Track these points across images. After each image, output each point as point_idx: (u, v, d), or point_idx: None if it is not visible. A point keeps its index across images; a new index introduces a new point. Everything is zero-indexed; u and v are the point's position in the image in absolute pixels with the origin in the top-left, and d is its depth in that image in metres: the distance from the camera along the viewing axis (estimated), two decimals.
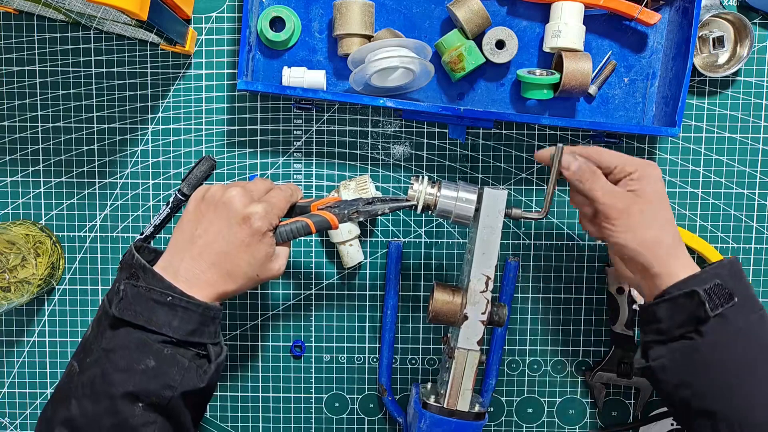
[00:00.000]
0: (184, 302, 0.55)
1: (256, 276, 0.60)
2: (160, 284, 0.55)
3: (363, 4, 0.71)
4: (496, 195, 0.66)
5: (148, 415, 0.53)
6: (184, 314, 0.55)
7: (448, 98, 0.77)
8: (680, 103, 0.70)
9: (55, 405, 0.55)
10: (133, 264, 0.57)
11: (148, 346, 0.54)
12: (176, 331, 0.55)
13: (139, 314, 0.54)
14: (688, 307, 0.56)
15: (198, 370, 0.55)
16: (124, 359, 0.53)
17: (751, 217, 0.78)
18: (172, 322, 0.55)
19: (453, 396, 0.66)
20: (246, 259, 0.58)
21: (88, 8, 0.67)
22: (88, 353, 0.55)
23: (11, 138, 0.78)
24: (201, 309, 0.56)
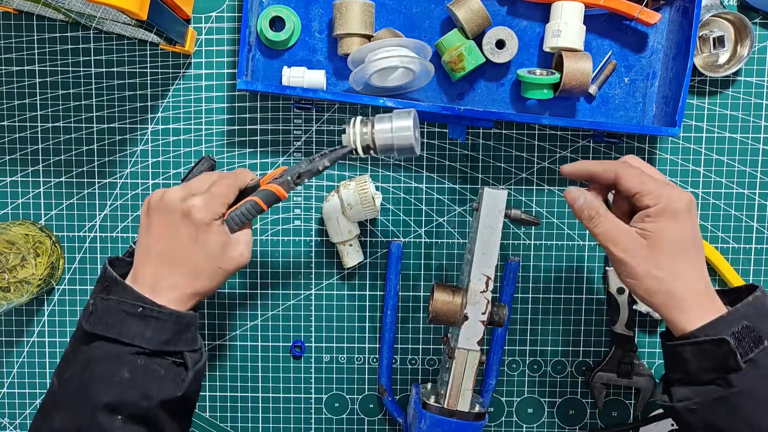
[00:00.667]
0: (156, 312, 0.55)
1: (218, 268, 0.58)
2: (130, 296, 0.55)
3: (363, 4, 0.71)
4: (496, 195, 0.66)
5: (129, 427, 0.53)
6: (157, 324, 0.55)
7: (448, 98, 0.77)
8: (680, 103, 0.70)
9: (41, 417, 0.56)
10: (105, 277, 0.57)
11: (121, 358, 0.54)
12: (149, 342, 0.54)
13: (110, 327, 0.54)
14: (717, 354, 0.53)
15: (176, 379, 0.55)
16: (99, 372, 0.54)
17: (751, 217, 0.78)
18: (144, 333, 0.54)
19: (453, 396, 0.66)
20: (201, 255, 0.57)
21: (88, 8, 0.67)
22: (67, 368, 0.56)
23: (11, 138, 0.78)
24: (173, 318, 0.56)
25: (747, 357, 0.53)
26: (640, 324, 0.79)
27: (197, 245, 0.57)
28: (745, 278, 0.78)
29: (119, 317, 0.54)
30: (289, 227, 0.79)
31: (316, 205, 0.78)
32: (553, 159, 0.78)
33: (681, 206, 0.56)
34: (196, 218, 0.57)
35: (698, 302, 0.56)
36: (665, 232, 0.56)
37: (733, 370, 0.53)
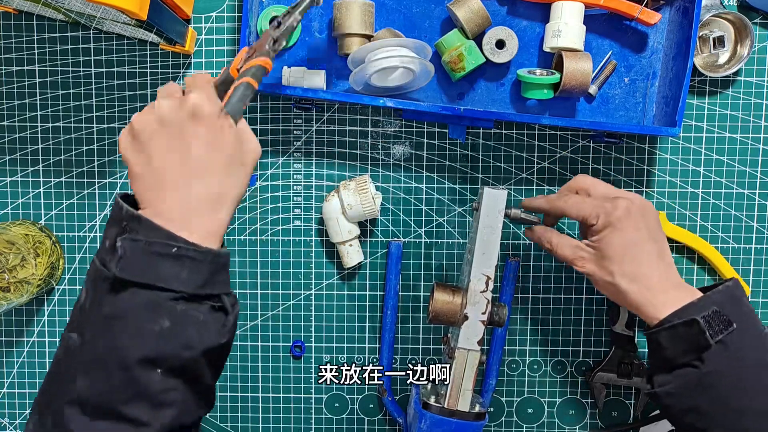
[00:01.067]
0: (191, 251, 0.49)
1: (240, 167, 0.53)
2: (160, 234, 0.48)
3: (363, 4, 0.71)
4: (496, 195, 0.66)
5: (168, 381, 0.48)
6: (193, 265, 0.49)
7: (448, 98, 0.77)
8: (680, 103, 0.70)
9: (54, 386, 0.49)
10: (123, 217, 0.50)
11: (158, 305, 0.48)
12: (187, 285, 0.48)
13: (144, 271, 0.48)
14: (689, 335, 0.57)
15: (216, 325, 0.50)
16: (134, 323, 0.47)
17: (751, 217, 0.78)
18: (180, 275, 0.48)
19: (453, 396, 0.66)
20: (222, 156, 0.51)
21: (88, 8, 0.67)
22: (88, 323, 0.49)
23: (11, 138, 0.78)
24: (210, 256, 0.50)
25: (717, 338, 0.56)
26: (640, 324, 0.79)
27: (215, 146, 0.51)
28: (744, 278, 0.78)
29: (151, 260, 0.48)
30: (289, 227, 0.79)
31: (316, 205, 0.78)
32: (553, 159, 0.78)
33: (618, 214, 0.61)
34: (205, 114, 0.51)
35: (666, 295, 0.60)
36: (609, 241, 0.61)
37: (704, 348, 0.56)
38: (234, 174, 0.52)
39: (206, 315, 0.50)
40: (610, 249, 0.61)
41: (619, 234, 0.61)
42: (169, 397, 0.48)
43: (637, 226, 0.61)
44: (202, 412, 0.52)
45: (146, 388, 0.47)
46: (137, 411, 0.47)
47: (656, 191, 0.78)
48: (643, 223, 0.61)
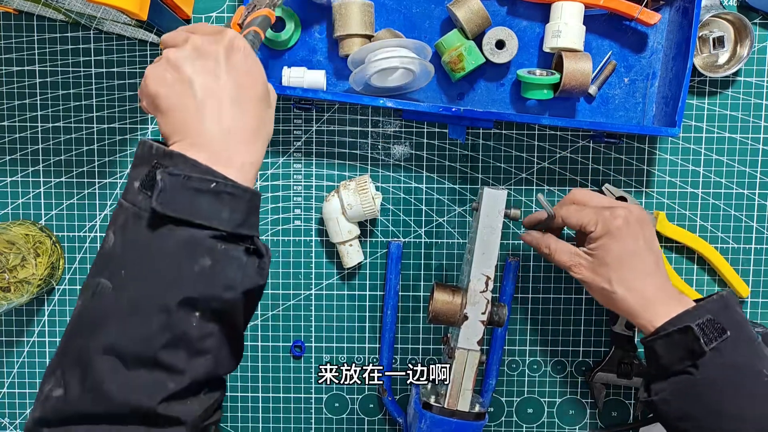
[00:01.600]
0: (230, 187, 0.47)
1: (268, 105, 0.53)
2: (198, 170, 0.46)
3: (362, 5, 0.71)
4: (496, 195, 0.66)
5: (206, 326, 0.46)
6: (232, 202, 0.47)
7: (448, 98, 0.77)
8: (680, 103, 0.70)
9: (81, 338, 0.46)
10: (153, 155, 0.47)
11: (199, 243, 0.45)
12: (226, 223, 0.46)
13: (184, 207, 0.45)
14: (684, 342, 0.58)
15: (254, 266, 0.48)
16: (173, 263, 0.45)
17: (751, 217, 0.78)
18: (220, 213, 0.46)
19: (453, 396, 0.66)
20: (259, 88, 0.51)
21: (88, 8, 0.67)
22: (120, 266, 0.46)
23: (11, 138, 0.78)
24: (248, 195, 0.48)
25: (711, 345, 0.57)
26: None
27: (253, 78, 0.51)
28: (744, 278, 0.78)
29: (190, 196, 0.45)
30: (289, 227, 0.79)
31: (316, 205, 0.78)
32: (553, 159, 0.78)
33: (617, 224, 0.62)
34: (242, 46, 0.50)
35: (661, 304, 0.60)
36: (606, 249, 0.62)
37: (699, 355, 0.57)
38: (267, 109, 0.52)
39: (245, 255, 0.48)
40: (608, 257, 0.62)
41: (617, 242, 0.62)
42: (206, 344, 0.46)
43: (635, 235, 0.62)
44: (233, 365, 0.50)
45: (185, 332, 0.45)
46: (174, 357, 0.45)
47: (656, 191, 0.78)
48: (641, 233, 0.62)
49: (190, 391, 0.46)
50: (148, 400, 0.44)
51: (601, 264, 0.62)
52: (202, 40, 0.50)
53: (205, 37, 0.50)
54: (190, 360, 0.46)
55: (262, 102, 0.51)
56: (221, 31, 0.51)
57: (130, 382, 0.44)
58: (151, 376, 0.45)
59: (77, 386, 0.44)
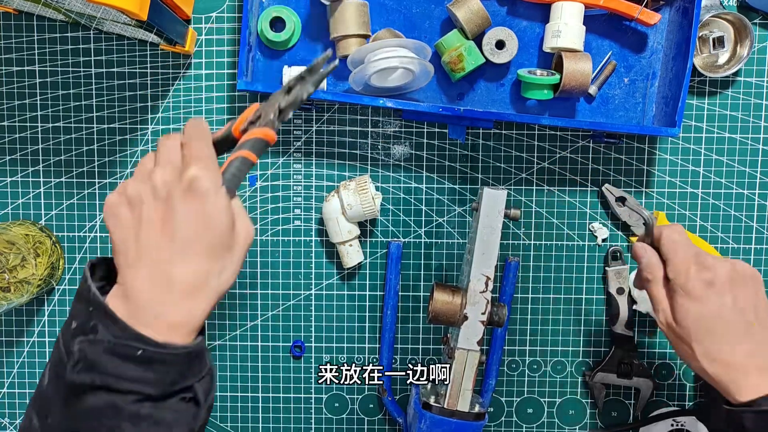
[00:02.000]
0: (159, 354, 0.43)
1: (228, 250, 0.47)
2: (125, 334, 0.43)
3: (357, 5, 0.71)
4: (496, 195, 0.66)
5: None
6: (161, 367, 0.44)
7: (448, 98, 0.77)
8: (680, 103, 0.70)
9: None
10: (90, 299, 0.45)
11: (120, 410, 0.43)
12: (153, 386, 0.44)
13: (103, 374, 0.43)
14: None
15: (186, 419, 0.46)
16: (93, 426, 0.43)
17: (751, 217, 0.78)
18: (146, 377, 0.43)
19: (453, 396, 0.66)
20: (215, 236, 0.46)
21: (88, 8, 0.67)
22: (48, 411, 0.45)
23: (11, 138, 0.78)
24: (182, 356, 0.44)
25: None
26: (640, 324, 0.79)
27: (205, 226, 0.45)
28: None
29: (113, 361, 0.43)
30: (289, 227, 0.79)
31: (316, 205, 0.78)
32: (553, 159, 0.78)
33: (696, 285, 0.56)
34: (201, 191, 0.45)
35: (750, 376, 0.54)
36: (688, 313, 0.56)
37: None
38: (219, 260, 0.46)
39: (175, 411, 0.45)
40: (688, 319, 0.56)
41: (695, 305, 0.56)
42: None
43: (721, 297, 0.56)
44: None
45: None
46: None
47: (656, 191, 0.78)
48: (729, 294, 0.56)
49: None
50: None
51: (681, 325, 0.57)
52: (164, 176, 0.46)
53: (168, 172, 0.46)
54: None
55: (215, 254, 0.46)
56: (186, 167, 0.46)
57: None
58: None
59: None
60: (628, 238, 0.78)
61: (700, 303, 0.56)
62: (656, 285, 0.59)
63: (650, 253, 0.60)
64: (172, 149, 0.48)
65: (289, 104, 0.51)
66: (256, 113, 0.51)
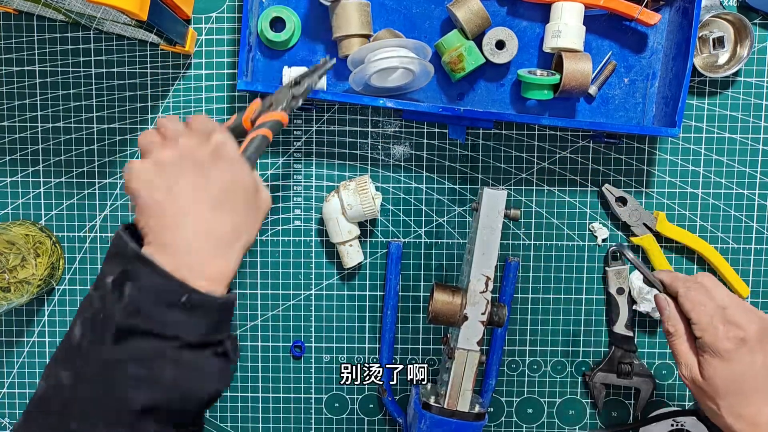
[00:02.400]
0: (200, 300, 0.47)
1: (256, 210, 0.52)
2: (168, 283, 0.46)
3: (359, 5, 0.71)
4: (496, 195, 0.66)
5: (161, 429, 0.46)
6: (201, 313, 0.47)
7: (448, 98, 0.77)
8: (680, 103, 0.70)
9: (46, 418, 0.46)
10: (127, 254, 0.47)
11: (163, 353, 0.46)
12: (193, 334, 0.46)
13: (149, 319, 0.45)
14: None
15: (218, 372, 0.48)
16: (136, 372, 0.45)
17: (751, 217, 0.78)
18: (187, 324, 0.46)
19: (453, 396, 0.66)
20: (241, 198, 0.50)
21: (88, 8, 0.67)
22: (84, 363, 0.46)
23: (11, 138, 0.78)
24: (218, 304, 0.48)
25: None
26: (640, 324, 0.79)
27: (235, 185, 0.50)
28: (744, 278, 0.78)
29: (159, 308, 0.45)
30: (289, 227, 0.79)
31: (316, 205, 0.78)
32: (553, 159, 0.78)
33: (726, 345, 0.56)
34: (228, 155, 0.50)
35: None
36: (716, 372, 0.56)
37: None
38: (250, 216, 0.51)
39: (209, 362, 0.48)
40: (716, 378, 0.56)
41: (725, 365, 0.56)
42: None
43: (751, 356, 0.56)
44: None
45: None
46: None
47: (656, 191, 0.78)
48: (760, 353, 0.56)
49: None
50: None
51: (709, 383, 0.56)
52: (191, 143, 0.50)
53: (194, 140, 0.50)
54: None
55: (245, 210, 0.51)
56: (211, 134, 0.50)
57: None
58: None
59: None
60: (628, 238, 0.78)
61: (730, 362, 0.56)
62: (678, 339, 0.59)
63: (672, 305, 0.60)
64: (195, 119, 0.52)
65: (301, 93, 0.60)
66: (266, 102, 0.58)
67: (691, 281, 0.60)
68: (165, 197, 0.48)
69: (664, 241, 0.78)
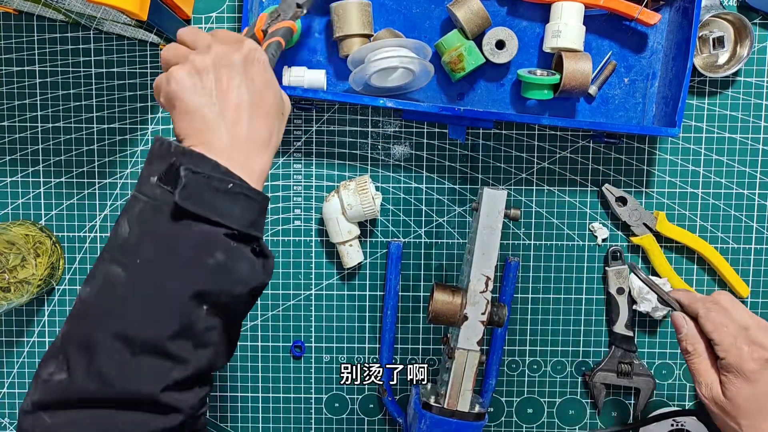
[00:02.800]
0: (245, 189, 0.49)
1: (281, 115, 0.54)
2: (217, 170, 0.48)
3: (360, 4, 0.71)
4: (496, 195, 0.66)
5: (211, 320, 0.47)
6: (245, 203, 0.49)
7: (448, 98, 0.77)
8: (680, 103, 0.70)
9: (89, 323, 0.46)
10: (172, 152, 0.48)
11: (214, 239, 0.47)
12: (239, 223, 0.48)
13: (203, 203, 0.47)
14: None
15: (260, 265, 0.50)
16: (189, 256, 0.46)
17: (751, 217, 0.78)
18: (234, 212, 0.48)
19: (453, 396, 0.66)
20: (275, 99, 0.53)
21: (88, 8, 0.67)
22: (136, 255, 0.47)
23: (11, 138, 0.78)
24: (260, 198, 0.50)
25: None
26: (640, 324, 0.79)
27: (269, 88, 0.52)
28: (744, 278, 0.78)
29: (209, 194, 0.47)
30: (289, 227, 0.79)
31: (316, 205, 0.78)
32: (553, 159, 0.78)
33: (751, 366, 0.56)
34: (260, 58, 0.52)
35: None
36: (738, 390, 0.56)
37: None
38: (278, 119, 0.54)
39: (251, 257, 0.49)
40: (739, 398, 0.57)
41: (750, 386, 0.56)
42: (210, 337, 0.48)
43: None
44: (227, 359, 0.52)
45: (194, 324, 0.46)
46: (181, 348, 0.46)
47: (656, 191, 0.78)
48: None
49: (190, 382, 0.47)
50: (151, 387, 0.45)
51: (732, 403, 0.57)
52: (224, 49, 0.51)
53: (226, 46, 0.52)
54: (195, 351, 0.47)
55: (275, 113, 0.53)
56: (241, 41, 0.52)
57: (135, 370, 0.45)
58: (156, 364, 0.46)
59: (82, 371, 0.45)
60: (628, 238, 0.78)
61: (755, 383, 0.56)
62: (698, 358, 0.59)
63: (690, 324, 0.60)
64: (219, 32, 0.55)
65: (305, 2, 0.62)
66: (273, 14, 0.61)
67: (710, 302, 0.60)
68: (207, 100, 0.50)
69: (664, 241, 0.78)
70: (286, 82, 0.74)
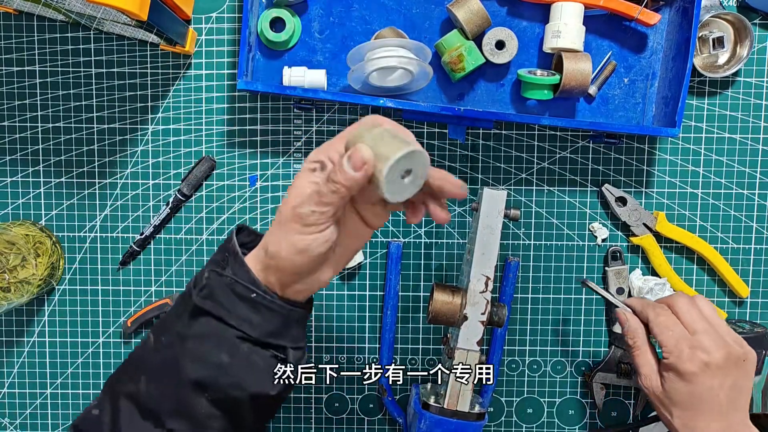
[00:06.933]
0: (267, 301, 0.51)
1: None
2: (246, 276, 0.50)
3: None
4: (496, 195, 0.66)
5: (213, 410, 0.51)
6: (267, 314, 0.51)
7: (448, 98, 0.77)
8: (680, 103, 0.70)
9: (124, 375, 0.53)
10: (228, 247, 0.52)
11: (224, 339, 0.50)
12: (256, 330, 0.51)
13: (220, 305, 0.50)
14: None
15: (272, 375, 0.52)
16: (198, 348, 0.50)
17: (751, 217, 0.78)
18: (252, 320, 0.50)
19: (453, 396, 0.66)
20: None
21: (88, 8, 0.67)
22: (166, 332, 0.52)
23: (11, 138, 0.78)
24: (285, 310, 0.51)
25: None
26: None
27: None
28: (744, 278, 0.78)
29: (230, 298, 0.50)
30: None
31: None
32: (553, 159, 0.78)
33: (690, 368, 0.59)
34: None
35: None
36: (677, 389, 0.60)
37: None
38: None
39: (266, 362, 0.52)
40: (675, 395, 0.60)
41: (686, 385, 0.60)
42: (211, 424, 0.51)
43: (711, 381, 0.59)
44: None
45: (192, 408, 0.50)
46: (179, 426, 0.51)
47: (656, 191, 0.78)
48: (717, 379, 0.59)
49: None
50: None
51: (668, 396, 0.61)
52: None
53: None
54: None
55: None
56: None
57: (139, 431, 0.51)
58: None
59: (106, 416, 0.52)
60: (628, 238, 0.78)
61: (692, 383, 0.59)
62: (638, 350, 0.63)
63: (632, 319, 0.64)
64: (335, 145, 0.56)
65: None
66: None
67: (659, 307, 0.63)
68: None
69: (663, 241, 0.78)
70: (287, 82, 0.74)
